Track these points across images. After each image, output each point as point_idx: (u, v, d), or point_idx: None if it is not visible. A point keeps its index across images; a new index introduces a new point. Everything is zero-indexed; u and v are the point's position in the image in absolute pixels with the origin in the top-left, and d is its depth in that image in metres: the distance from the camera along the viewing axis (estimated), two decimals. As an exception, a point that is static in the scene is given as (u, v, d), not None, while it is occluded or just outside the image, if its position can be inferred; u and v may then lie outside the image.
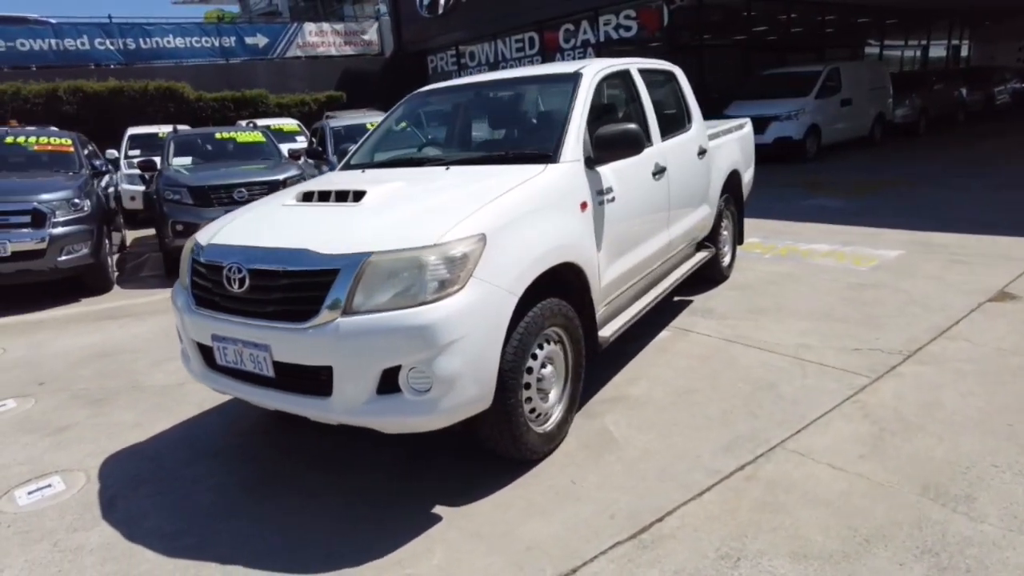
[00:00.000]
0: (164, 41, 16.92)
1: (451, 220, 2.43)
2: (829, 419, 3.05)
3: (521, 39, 16.70)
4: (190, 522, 2.64)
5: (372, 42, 20.92)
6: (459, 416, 2.42)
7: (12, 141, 7.15)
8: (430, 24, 18.91)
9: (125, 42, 16.33)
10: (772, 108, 12.04)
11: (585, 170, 3.09)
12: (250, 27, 18.75)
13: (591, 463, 2.83)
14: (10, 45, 15.07)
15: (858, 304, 4.59)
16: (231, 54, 18.08)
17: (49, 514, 2.77)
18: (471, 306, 2.33)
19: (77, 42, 15.76)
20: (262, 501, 2.75)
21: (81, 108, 14.61)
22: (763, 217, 7.77)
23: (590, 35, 14.71)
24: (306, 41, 19.56)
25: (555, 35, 15.62)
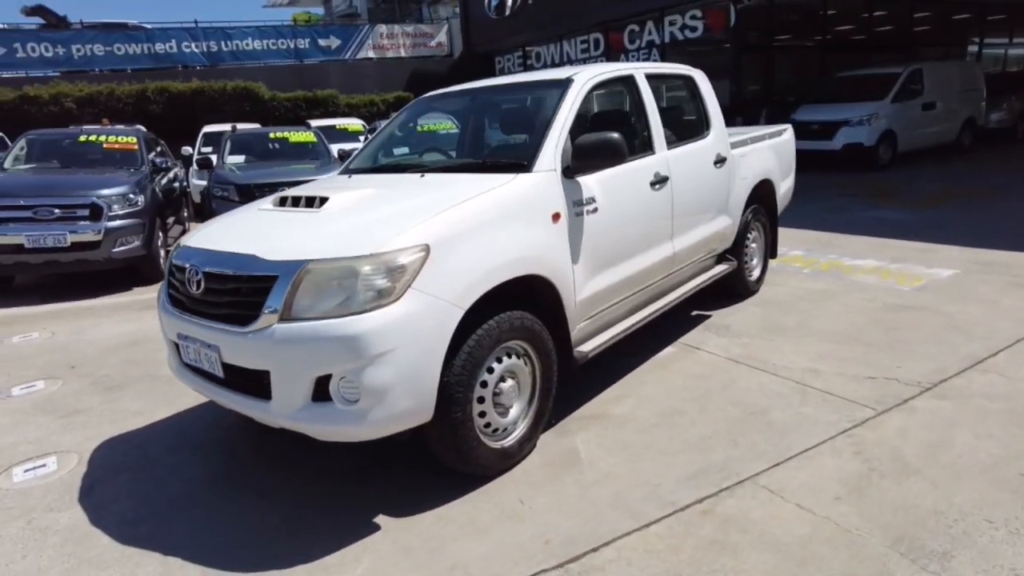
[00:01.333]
0: (244, 44, 17.84)
1: (395, 230, 2.40)
2: (815, 453, 2.81)
3: (586, 40, 16.51)
4: (152, 511, 2.74)
5: (441, 44, 21.26)
6: (392, 428, 2.39)
7: (85, 140, 7.71)
8: (498, 25, 19.03)
9: (208, 45, 17.34)
10: (842, 112, 11.36)
11: (562, 180, 2.98)
12: (324, 29, 19.47)
13: (547, 483, 2.73)
14: (109, 50, 16.31)
15: (889, 327, 4.23)
16: (305, 55, 18.84)
17: (35, 493, 2.95)
18: (406, 318, 2.29)
19: (166, 46, 16.88)
20: (223, 496, 2.82)
21: (166, 107, 15.62)
22: (812, 228, 7.36)
23: (655, 36, 14.36)
24: (377, 43, 20.12)
25: (620, 36, 15.35)
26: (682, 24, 13.64)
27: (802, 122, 11.89)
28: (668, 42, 14.04)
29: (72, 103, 14.57)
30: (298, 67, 18.71)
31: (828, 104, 11.86)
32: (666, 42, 14.08)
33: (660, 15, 13.96)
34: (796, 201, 9.09)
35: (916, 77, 11.96)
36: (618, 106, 3.82)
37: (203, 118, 14.48)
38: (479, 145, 3.71)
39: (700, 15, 13.18)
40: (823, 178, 11.02)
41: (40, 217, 6.18)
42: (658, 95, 3.94)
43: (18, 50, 15.33)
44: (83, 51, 15.98)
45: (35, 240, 6.15)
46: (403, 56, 20.58)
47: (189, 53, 17.10)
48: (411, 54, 20.75)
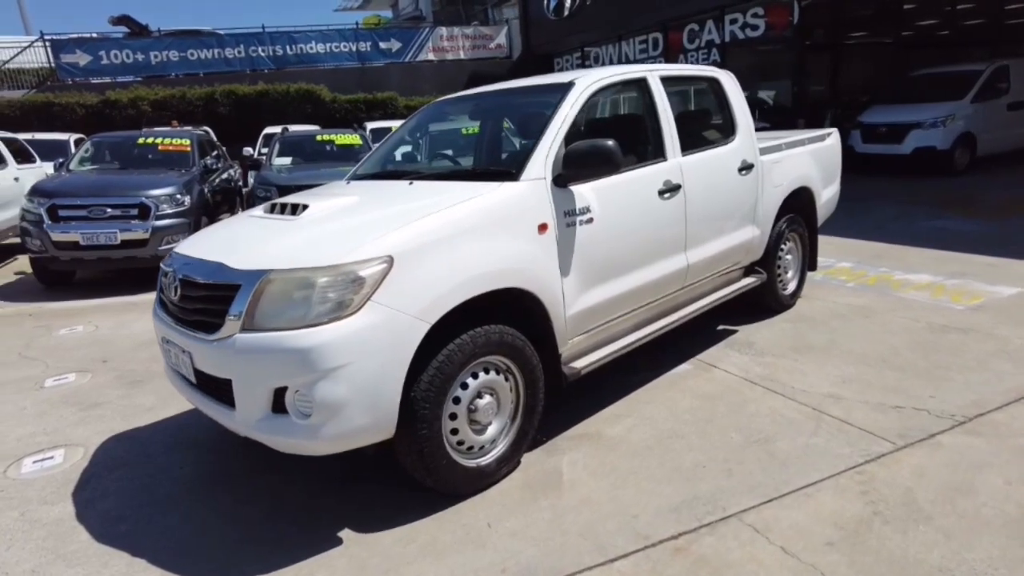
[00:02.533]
0: (308, 47, 18.41)
1: (360, 240, 2.34)
2: (815, 490, 2.58)
3: (645, 40, 16.13)
4: (135, 509, 2.79)
5: (501, 45, 21.30)
6: (349, 445, 2.33)
7: (143, 142, 8.11)
8: (556, 26, 18.87)
9: (275, 49, 17.99)
10: (914, 114, 10.61)
11: (552, 189, 2.86)
12: (385, 32, 19.86)
13: (521, 506, 2.61)
14: (183, 55, 17.18)
15: (930, 351, 3.87)
16: (366, 58, 19.25)
17: (36, 484, 3.07)
18: (363, 332, 2.23)
19: (235, 50, 17.62)
20: (202, 499, 2.85)
21: (233, 109, 16.30)
22: (868, 238, 6.89)
23: (715, 35, 13.85)
24: (437, 45, 20.35)
25: (679, 36, 14.91)
26: (743, 23, 13.09)
27: (870, 124, 11.23)
28: (728, 41, 13.51)
29: (148, 106, 15.42)
30: (359, 69, 19.14)
31: (900, 105, 11.11)
32: (726, 41, 13.55)
33: (720, 13, 13.46)
34: (855, 209, 8.60)
35: (1001, 75, 11.03)
36: (630, 110, 3.64)
37: (268, 120, 15.01)
38: (479, 151, 3.62)
39: (762, 12, 12.60)
40: (890, 184, 10.34)
41: (94, 216, 6.52)
42: (676, 98, 3.75)
43: (103, 57, 16.38)
44: (160, 57, 16.91)
45: (89, 238, 6.50)
46: (462, 58, 20.72)
47: (256, 57, 17.81)
48: (470, 56, 20.87)
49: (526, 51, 20.85)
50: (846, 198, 9.55)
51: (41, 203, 6.50)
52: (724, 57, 13.68)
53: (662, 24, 15.20)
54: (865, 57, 13.89)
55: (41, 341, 5.32)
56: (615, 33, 16.91)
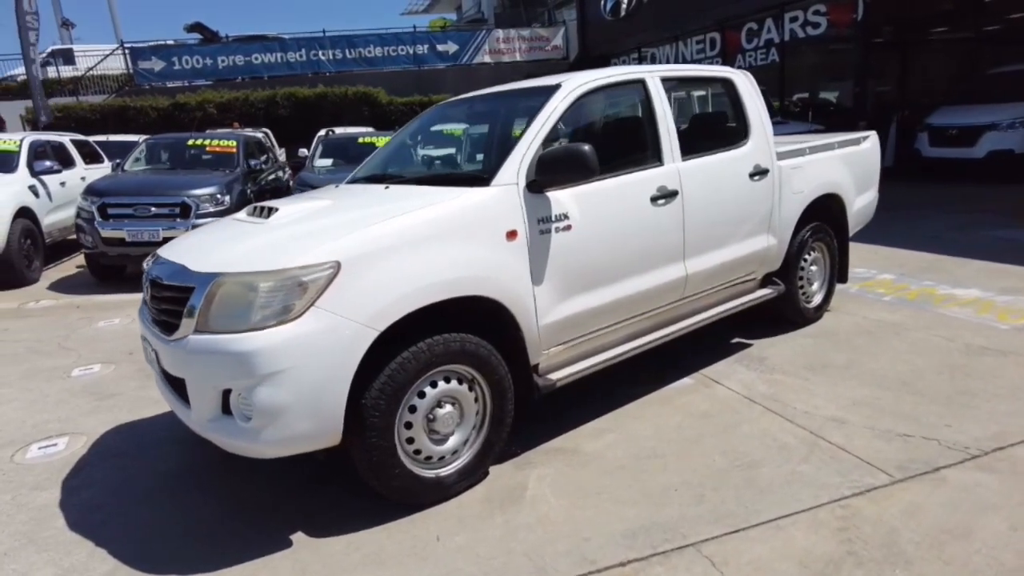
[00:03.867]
0: (366, 51, 18.84)
1: (308, 246, 2.33)
2: (788, 523, 2.39)
3: (702, 40, 15.67)
4: (114, 500, 2.88)
5: (557, 47, 21.18)
6: (292, 449, 2.33)
7: (192, 144, 8.49)
8: (613, 27, 18.62)
9: (335, 52, 18.52)
10: (989, 115, 9.84)
11: (526, 195, 2.76)
12: (442, 35, 20.09)
13: (476, 520, 2.54)
14: (248, 59, 17.94)
15: (959, 374, 3.55)
16: (423, 61, 19.54)
17: (36, 470, 3.22)
18: (305, 337, 2.21)
19: (297, 54, 18.25)
20: (176, 494, 2.91)
21: (293, 111, 16.88)
22: (920, 248, 6.43)
23: (774, 34, 13.29)
24: (493, 48, 20.44)
25: (737, 35, 14.39)
26: (803, 20, 12.49)
27: (938, 127, 10.51)
28: (788, 40, 12.93)
29: (214, 108, 16.17)
30: (416, 72, 19.45)
31: (973, 105, 10.34)
32: (785, 40, 12.97)
33: (780, 11, 12.90)
34: (912, 217, 8.06)
35: (1092, 72, 10.10)
36: (617, 114, 3.51)
37: (327, 122, 15.45)
38: (464, 155, 3.56)
39: (824, 10, 11.99)
40: (958, 191, 9.64)
41: (139, 214, 6.87)
42: (682, 100, 3.58)
43: (175, 63, 17.31)
44: (227, 62, 17.71)
45: (134, 235, 6.84)
46: (518, 60, 20.72)
47: (317, 60, 18.38)
48: (526, 58, 20.85)
49: (583, 52, 20.67)
50: (904, 205, 9.04)
51: (93, 201, 6.90)
52: (783, 57, 13.13)
53: (719, 24, 14.73)
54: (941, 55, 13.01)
55: (81, 332, 5.63)
56: (671, 34, 16.52)
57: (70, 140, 9.34)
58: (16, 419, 3.85)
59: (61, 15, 27.98)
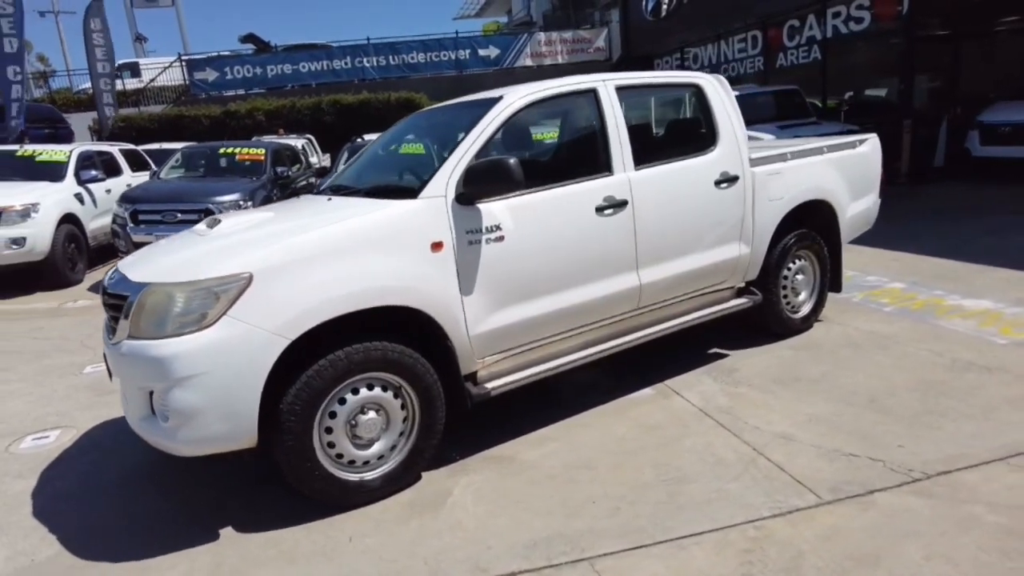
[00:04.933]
0: (409, 57, 19.22)
1: (227, 258, 2.46)
2: (693, 543, 2.34)
3: (744, 38, 15.23)
4: (80, 491, 3.09)
5: (601, 48, 21.03)
6: (208, 449, 2.45)
7: (223, 152, 8.90)
8: (655, 28, 18.34)
9: (379, 59, 18.97)
10: (1043, 111, 9.19)
11: (454, 207, 2.81)
12: (484, 39, 20.26)
13: (392, 524, 2.61)
14: (295, 68, 18.61)
15: (935, 392, 3.37)
16: (464, 66, 19.77)
17: (24, 459, 3.49)
18: (216, 344, 2.33)
19: (343, 62, 18.80)
20: (132, 487, 3.09)
21: (337, 117, 17.38)
22: (943, 255, 6.11)
23: (816, 31, 12.78)
24: (536, 51, 20.47)
25: (779, 32, 13.92)
26: (847, 15, 11.96)
27: (991, 124, 9.89)
28: (831, 37, 12.41)
29: (263, 116, 16.86)
30: (458, 77, 19.69)
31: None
32: (828, 37, 12.46)
33: (822, 7, 12.39)
34: (945, 221, 7.63)
35: None
36: (575, 123, 3.50)
37: (368, 127, 15.85)
38: (410, 166, 3.61)
39: (867, 4, 11.45)
40: (1010, 192, 9.03)
41: (167, 220, 7.26)
42: (642, 108, 3.55)
43: (228, 73, 18.14)
44: (276, 70, 18.43)
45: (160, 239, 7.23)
46: (560, 63, 20.68)
47: (361, 67, 18.88)
48: (569, 60, 20.79)
49: (625, 53, 20.45)
50: (947, 208, 8.57)
51: (126, 208, 7.34)
52: (826, 54, 12.62)
53: (761, 22, 14.29)
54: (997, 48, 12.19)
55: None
56: (713, 33, 16.13)
57: (118, 150, 9.96)
58: (22, 411, 4.16)
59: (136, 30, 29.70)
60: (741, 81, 14.69)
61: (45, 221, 7.26)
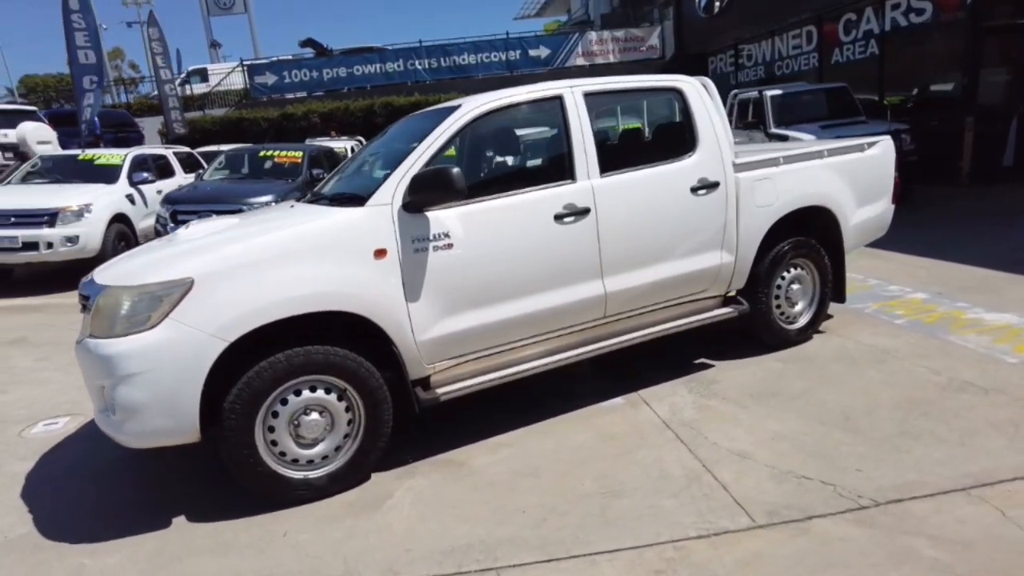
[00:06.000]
0: (460, 59, 19.46)
1: (174, 263, 2.60)
2: (608, 559, 2.31)
3: (798, 34, 14.62)
4: (66, 475, 3.32)
5: (654, 47, 20.66)
6: (152, 442, 2.61)
7: (263, 155, 9.29)
8: (708, 25, 17.86)
9: (430, 62, 19.30)
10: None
11: (400, 215, 2.87)
12: (534, 40, 20.24)
13: (327, 523, 2.68)
14: (350, 71, 19.18)
15: (917, 413, 3.18)
16: (515, 66, 19.84)
17: (31, 443, 3.78)
18: (157, 345, 2.47)
19: (395, 64, 19.22)
20: (114, 474, 3.29)
21: (389, 120, 17.76)
22: (981, 264, 5.78)
23: (874, 24, 12.13)
24: (587, 50, 20.32)
25: (835, 27, 13.29)
26: (906, 7, 11.29)
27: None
28: (889, 31, 11.74)
29: (317, 118, 17.48)
30: (508, 78, 19.74)
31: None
32: (886, 31, 11.79)
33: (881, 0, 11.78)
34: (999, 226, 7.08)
35: None
36: (538, 131, 3.48)
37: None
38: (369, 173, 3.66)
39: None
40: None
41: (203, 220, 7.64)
42: (613, 114, 3.51)
43: (286, 77, 18.91)
44: (331, 74, 19.06)
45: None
46: (611, 62, 20.45)
47: (413, 70, 19.26)
48: (620, 59, 20.53)
49: (679, 51, 20.00)
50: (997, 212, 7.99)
51: (167, 208, 7.80)
52: (883, 49, 11.97)
53: (816, 16, 13.69)
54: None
55: (138, 324, 6.41)
56: (767, 28, 15.57)
57: (172, 152, 10.56)
58: (43, 399, 4.51)
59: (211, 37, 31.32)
60: (795, 79, 14.13)
61: (97, 220, 7.79)
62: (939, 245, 6.49)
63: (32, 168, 8.91)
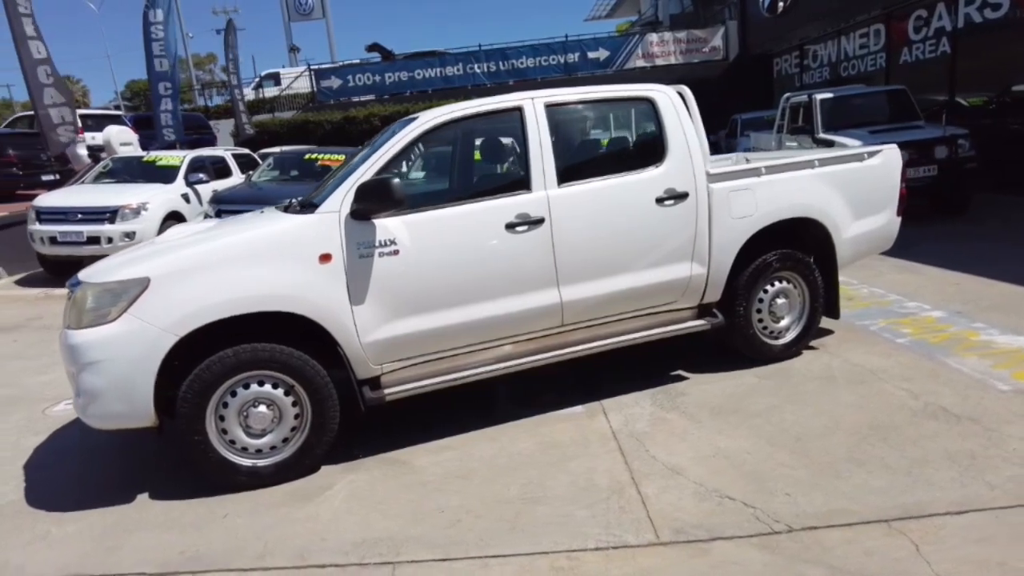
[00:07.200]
0: (519, 62, 19.62)
1: (136, 263, 2.85)
2: (499, 564, 2.37)
3: (865, 33, 13.89)
4: (69, 451, 3.68)
5: (716, 48, 20.11)
6: (111, 425, 2.87)
7: (308, 158, 9.75)
8: (772, 24, 17.26)
9: (489, 65, 19.56)
10: None
11: (347, 222, 3.02)
12: (593, 42, 20.10)
13: (265, 508, 2.86)
14: (411, 75, 19.71)
15: (875, 438, 3.05)
16: (574, 69, 19.80)
17: (50, 420, 4.18)
18: (114, 337, 2.73)
19: (455, 68, 19.61)
20: (106, 453, 3.61)
21: (445, 123, 18.16)
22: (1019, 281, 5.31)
23: (946, 21, 11.37)
24: (647, 52, 20.04)
25: (904, 25, 12.55)
26: (982, 2, 10.52)
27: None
28: (962, 28, 10.98)
29: (378, 121, 18.05)
30: (566, 80, 19.75)
31: None
32: (959, 28, 11.03)
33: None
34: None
35: None
36: (495, 142, 3.54)
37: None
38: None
39: (1006, -12, 10.03)
40: None
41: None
42: (578, 123, 3.54)
43: (350, 81, 19.64)
44: (393, 78, 19.65)
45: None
46: (673, 63, 20.06)
47: (472, 73, 19.58)
48: (682, 61, 20.11)
49: (743, 52, 19.42)
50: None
51: (214, 207, 8.33)
52: (956, 48, 11.22)
53: (885, 14, 12.97)
54: None
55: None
56: (833, 28, 14.88)
57: (231, 154, 11.25)
58: (74, 380, 4.97)
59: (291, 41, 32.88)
60: (862, 80, 13.46)
61: (152, 218, 8.43)
62: (984, 260, 6.07)
63: (103, 169, 9.73)
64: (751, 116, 14.92)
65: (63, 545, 2.71)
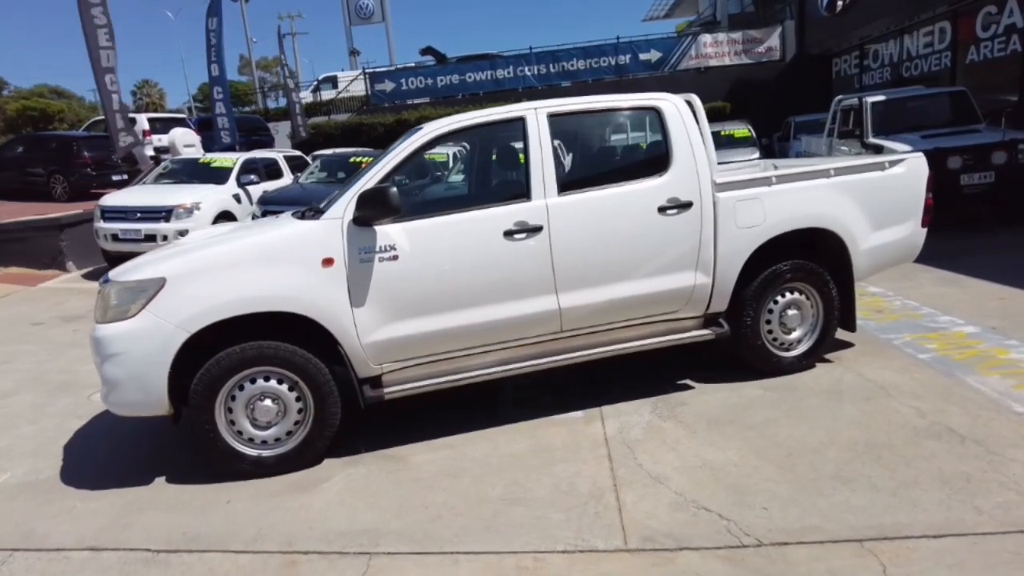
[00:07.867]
0: (569, 64, 19.60)
1: (155, 264, 3.10)
2: (468, 560, 2.47)
3: (930, 31, 13.25)
4: (105, 434, 3.98)
5: (772, 48, 19.54)
6: (130, 412, 3.13)
7: (352, 161, 10.09)
8: (831, 24, 16.66)
9: (539, 68, 19.63)
10: None
11: (349, 228, 3.18)
12: (645, 43, 19.84)
13: (266, 497, 3.05)
14: (462, 78, 19.98)
15: (868, 457, 2.99)
16: (625, 70, 19.64)
17: (92, 405, 4.48)
18: (133, 332, 2.97)
19: (505, 71, 19.77)
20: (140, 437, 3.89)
21: (493, 125, 18.36)
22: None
23: (1017, 18, 10.75)
24: (700, 53, 19.68)
25: (971, 22, 11.91)
26: (1055, -2, 9.91)
27: None
28: (1034, 24, 10.37)
29: (428, 124, 18.42)
30: (617, 82, 19.62)
31: None
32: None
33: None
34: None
35: None
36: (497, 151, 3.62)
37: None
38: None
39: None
40: None
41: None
42: (582, 133, 3.60)
43: (403, 84, 20.07)
44: (445, 81, 19.96)
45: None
46: (727, 64, 19.63)
47: (523, 76, 19.70)
48: (736, 62, 19.64)
49: (800, 52, 18.82)
50: None
51: (260, 207, 8.75)
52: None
53: (951, 11, 12.35)
54: None
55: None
56: (896, 26, 14.26)
57: (283, 156, 11.74)
58: (120, 368, 5.35)
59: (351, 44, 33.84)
60: (925, 81, 12.85)
61: (204, 218, 8.91)
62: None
63: (163, 170, 10.34)
64: (806, 119, 14.42)
65: (84, 519, 2.97)
